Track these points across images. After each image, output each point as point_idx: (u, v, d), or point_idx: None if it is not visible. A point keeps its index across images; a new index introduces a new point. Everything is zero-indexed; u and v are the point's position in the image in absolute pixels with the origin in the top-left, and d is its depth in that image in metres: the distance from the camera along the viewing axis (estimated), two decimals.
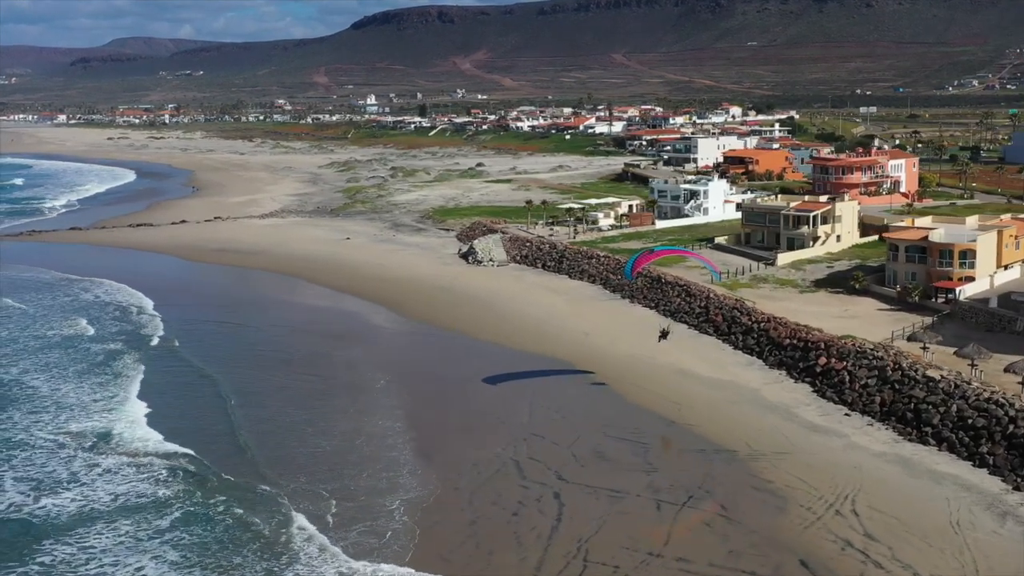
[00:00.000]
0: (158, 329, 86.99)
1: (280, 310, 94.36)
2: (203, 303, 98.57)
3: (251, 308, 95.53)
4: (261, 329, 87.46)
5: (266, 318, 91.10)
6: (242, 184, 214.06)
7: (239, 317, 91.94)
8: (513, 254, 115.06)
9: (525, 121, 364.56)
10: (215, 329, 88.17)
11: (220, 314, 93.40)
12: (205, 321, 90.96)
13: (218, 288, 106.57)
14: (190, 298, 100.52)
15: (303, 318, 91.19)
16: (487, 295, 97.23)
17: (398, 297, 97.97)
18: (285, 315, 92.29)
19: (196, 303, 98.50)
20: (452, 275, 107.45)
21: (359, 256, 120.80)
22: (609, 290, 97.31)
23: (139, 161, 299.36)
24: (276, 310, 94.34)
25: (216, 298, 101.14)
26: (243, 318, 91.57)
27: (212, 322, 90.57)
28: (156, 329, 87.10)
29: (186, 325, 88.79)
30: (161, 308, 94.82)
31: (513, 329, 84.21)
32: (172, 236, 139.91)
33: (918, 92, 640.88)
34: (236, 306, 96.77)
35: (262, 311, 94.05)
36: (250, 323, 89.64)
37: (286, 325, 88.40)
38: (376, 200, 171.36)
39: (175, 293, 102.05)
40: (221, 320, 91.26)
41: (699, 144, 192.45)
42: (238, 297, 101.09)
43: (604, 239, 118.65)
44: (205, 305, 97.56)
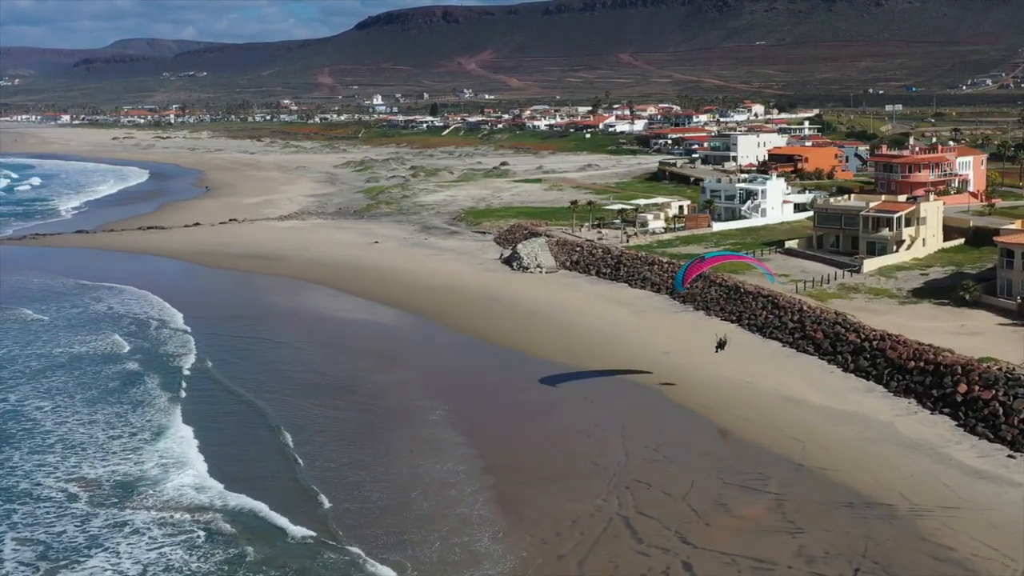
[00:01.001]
0: (188, 346, 77.07)
1: (311, 323, 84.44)
2: (227, 315, 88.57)
3: (279, 321, 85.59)
4: (293, 346, 77.53)
5: (297, 332, 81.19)
6: (255, 184, 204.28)
7: (268, 331, 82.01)
8: (562, 260, 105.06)
9: (542, 120, 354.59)
10: (245, 346, 78.15)
11: (247, 327, 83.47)
12: (233, 336, 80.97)
13: (241, 297, 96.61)
14: (213, 309, 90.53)
15: (337, 332, 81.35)
16: (543, 306, 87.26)
17: (441, 308, 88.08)
18: (317, 329, 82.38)
19: (220, 314, 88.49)
20: (498, 283, 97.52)
21: (390, 261, 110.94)
22: (678, 301, 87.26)
23: (146, 161, 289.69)
24: (307, 323, 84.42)
25: (240, 308, 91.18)
26: (272, 332, 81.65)
27: (240, 337, 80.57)
28: (185, 346, 77.18)
29: (214, 340, 78.86)
30: (189, 321, 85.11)
31: (580, 346, 74.26)
32: (186, 240, 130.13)
33: (931, 91, 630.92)
34: (263, 318, 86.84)
35: (292, 324, 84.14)
36: (281, 338, 79.70)
37: (320, 341, 78.53)
38: (401, 201, 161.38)
39: (197, 304, 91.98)
40: (249, 335, 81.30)
41: (739, 141, 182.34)
42: (263, 308, 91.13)
43: (660, 243, 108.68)
44: (230, 317, 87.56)
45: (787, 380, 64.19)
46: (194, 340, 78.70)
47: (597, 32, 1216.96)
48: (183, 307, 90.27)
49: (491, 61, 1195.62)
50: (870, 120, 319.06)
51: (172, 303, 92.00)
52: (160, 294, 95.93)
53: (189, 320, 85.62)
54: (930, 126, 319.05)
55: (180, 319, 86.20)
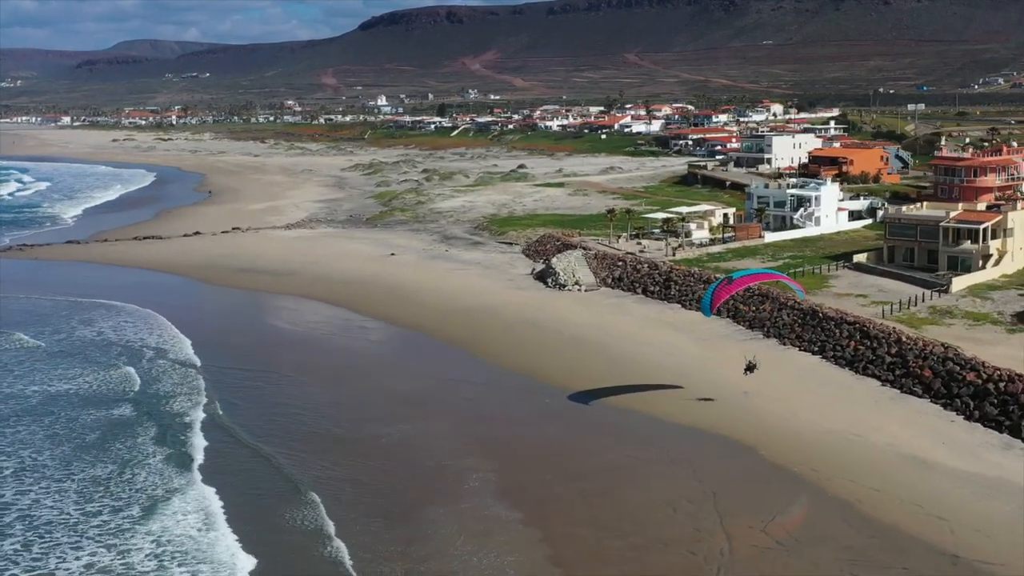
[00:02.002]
0: (191, 384, 66.30)
1: (326, 354, 73.82)
2: (230, 343, 77.85)
3: (290, 350, 74.98)
4: (308, 384, 66.86)
5: (312, 366, 70.55)
6: (260, 189, 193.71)
7: (278, 363, 71.36)
8: (602, 276, 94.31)
9: (554, 120, 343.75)
10: (254, 383, 67.19)
11: (254, 359, 72.81)
12: (239, 369, 70.17)
13: (245, 321, 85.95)
14: (214, 335, 79.63)
15: (357, 366, 70.78)
16: (590, 332, 76.57)
17: (473, 335, 77.44)
18: (333, 362, 71.77)
19: (222, 343, 77.73)
20: (534, 304, 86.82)
21: (410, 277, 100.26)
22: (743, 325, 76.58)
23: (146, 164, 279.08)
24: (321, 354, 73.81)
25: (245, 335, 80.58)
26: (282, 364, 71.02)
27: (247, 371, 69.78)
28: (187, 384, 66.43)
29: (222, 376, 68.17)
30: (188, 351, 74.53)
31: (644, 383, 63.54)
32: (185, 251, 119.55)
33: (943, 90, 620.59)
34: (271, 347, 76.25)
35: (304, 354, 73.52)
36: (293, 372, 69.02)
37: (337, 377, 67.97)
38: (416, 207, 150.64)
39: (196, 329, 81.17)
40: (257, 367, 70.57)
41: (773, 143, 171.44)
42: (271, 334, 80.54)
43: (709, 256, 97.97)
44: (233, 346, 76.86)
45: (902, 432, 53.47)
46: (195, 376, 68.09)
47: (602, 32, 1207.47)
48: (181, 333, 79.77)
49: (495, 61, 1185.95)
50: (899, 121, 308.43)
51: (169, 328, 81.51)
52: (155, 317, 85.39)
53: (188, 350, 75.10)
54: (955, 125, 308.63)
55: (178, 348, 75.64)
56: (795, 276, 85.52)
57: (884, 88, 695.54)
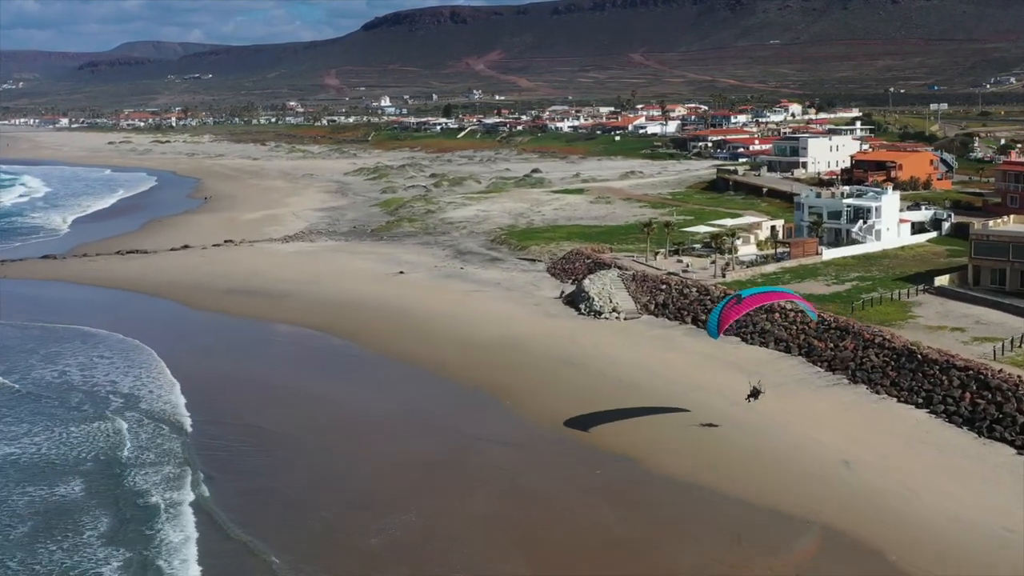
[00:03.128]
0: (169, 450, 54.10)
1: (325, 405, 61.78)
2: (213, 388, 65.69)
3: (283, 399, 62.92)
4: (306, 447, 54.84)
5: (309, 421, 58.55)
6: (258, 196, 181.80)
7: (270, 417, 59.23)
8: (643, 301, 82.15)
9: (564, 121, 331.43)
10: (247, 450, 54.68)
11: (249, 413, 60.52)
12: (227, 427, 57.99)
13: (231, 359, 73.79)
14: (194, 378, 67.45)
15: (360, 420, 58.90)
16: (639, 375, 64.42)
17: (498, 377, 65.32)
18: (333, 416, 59.83)
19: (204, 388, 65.46)
20: (566, 335, 74.72)
21: (421, 300, 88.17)
22: (821, 366, 64.36)
23: (140, 168, 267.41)
24: (320, 405, 61.76)
25: (230, 378, 68.42)
26: (275, 419, 58.93)
27: (237, 431, 57.40)
28: (165, 449, 54.32)
29: (198, 437, 56.07)
30: (155, 403, 62.50)
31: (715, 447, 51.50)
32: (170, 268, 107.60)
33: (954, 90, 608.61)
34: (261, 394, 64.18)
35: (301, 405, 61.48)
36: (293, 434, 56.80)
37: (340, 438, 56.05)
38: (426, 217, 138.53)
39: (172, 369, 69.31)
40: (248, 423, 58.49)
41: (809, 145, 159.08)
42: (262, 376, 68.37)
43: (764, 277, 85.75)
44: (217, 393, 64.71)
45: None
46: (167, 436, 56.04)
47: (607, 32, 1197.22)
48: (153, 372, 67.79)
49: (500, 62, 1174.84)
50: (921, 120, 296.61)
51: (138, 366, 69.55)
52: (127, 351, 73.47)
53: (160, 395, 63.11)
54: (981, 125, 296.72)
55: (148, 394, 63.63)
56: (870, 303, 73.70)
57: (895, 88, 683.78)
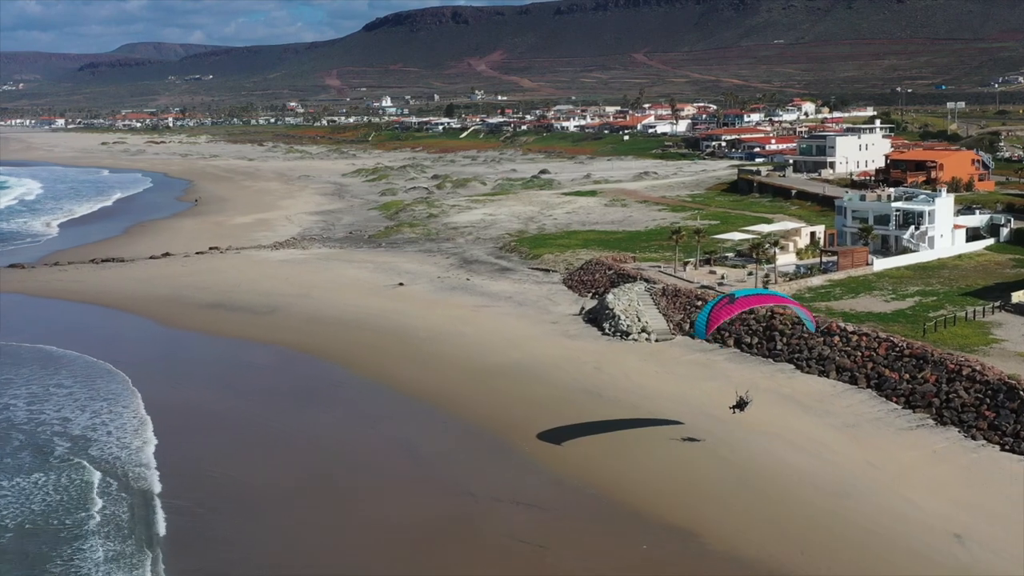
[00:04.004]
0: (131, 529, 44.05)
1: (319, 451, 51.73)
2: (192, 432, 55.41)
3: (272, 444, 52.82)
4: (301, 511, 44.74)
5: (303, 476, 48.43)
6: (250, 198, 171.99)
7: (257, 472, 49.00)
8: (676, 319, 72.06)
9: (570, 121, 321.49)
10: (229, 517, 44.12)
11: (226, 459, 50.34)
12: (208, 487, 47.55)
13: (212, 389, 63.45)
14: (169, 418, 57.16)
15: (349, 473, 48.87)
16: (677, 409, 54.27)
17: (518, 415, 55.29)
18: (318, 466, 49.83)
19: (181, 431, 55.22)
20: (591, 360, 64.67)
21: (424, 317, 78.16)
22: (897, 402, 54.28)
23: (132, 169, 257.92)
24: (313, 451, 51.70)
25: (210, 415, 58.15)
26: (264, 474, 48.80)
27: (219, 494, 46.92)
28: (108, 516, 44.39)
29: (177, 500, 45.85)
30: (110, 450, 52.47)
31: (793, 519, 41.43)
32: (147, 279, 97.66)
33: (962, 89, 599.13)
34: (246, 437, 54.01)
35: (292, 455, 51.32)
36: (280, 493, 46.70)
37: (324, 497, 46.02)
38: (428, 222, 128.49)
39: (130, 403, 59.28)
40: (230, 476, 48.28)
41: (837, 144, 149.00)
42: (246, 412, 58.12)
43: (812, 291, 75.71)
44: (196, 438, 54.39)
45: None
46: (124, 503, 46.01)
47: (610, 32, 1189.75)
48: (114, 410, 57.85)
49: (502, 62, 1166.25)
50: (942, 120, 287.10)
51: (93, 399, 59.60)
52: (85, 386, 63.53)
53: (106, 439, 53.14)
54: (1001, 124, 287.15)
55: (93, 438, 53.62)
56: (942, 323, 63.64)
57: (901, 87, 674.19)
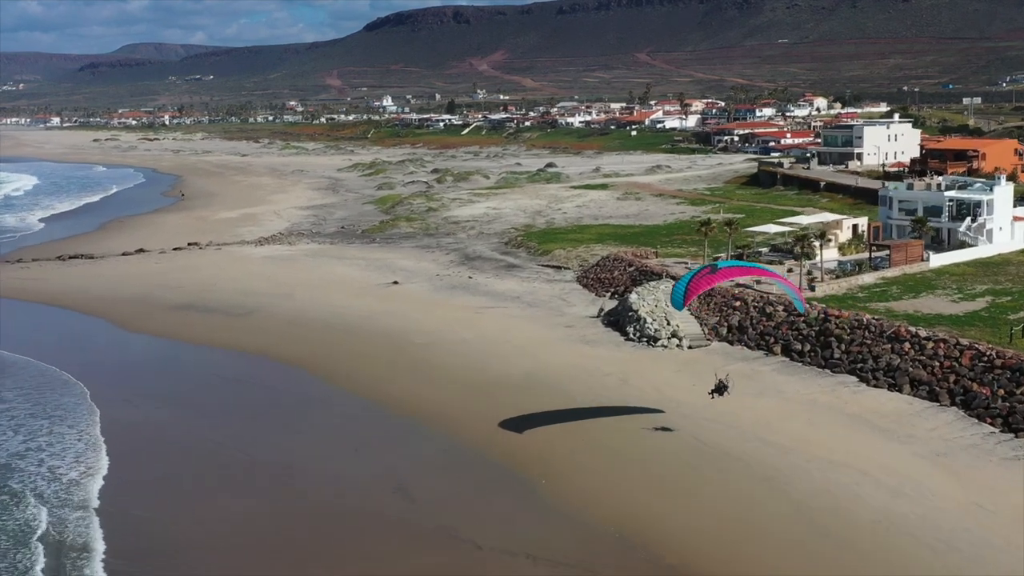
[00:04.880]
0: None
1: (295, 491, 42.09)
2: (144, 466, 45.81)
3: (241, 480, 43.24)
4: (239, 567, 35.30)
5: (275, 524, 38.91)
6: (239, 192, 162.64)
7: (223, 518, 39.47)
8: (711, 322, 62.40)
9: (575, 117, 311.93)
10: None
11: (185, 502, 40.88)
12: (159, 549, 38.02)
13: (173, 407, 53.64)
14: (121, 445, 47.36)
15: (342, 514, 39.30)
16: (730, 438, 44.65)
17: (534, 443, 45.62)
18: (306, 510, 40.21)
19: (128, 466, 45.43)
20: (615, 372, 55.04)
21: (421, 320, 68.57)
22: (994, 424, 44.59)
23: (121, 164, 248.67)
24: (288, 491, 42.07)
25: (168, 445, 48.49)
26: (230, 521, 39.32)
27: (174, 556, 37.74)
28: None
29: (126, 567, 36.36)
30: (44, 490, 42.88)
31: None
32: (116, 277, 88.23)
33: (969, 88, 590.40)
34: (209, 472, 44.40)
35: (263, 495, 41.75)
36: (248, 548, 37.28)
37: (315, 551, 36.39)
38: (427, 216, 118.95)
39: (63, 424, 49.75)
40: (188, 526, 38.74)
41: (864, 134, 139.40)
42: (210, 438, 48.38)
43: (864, 290, 66.04)
44: (147, 476, 44.73)
45: None
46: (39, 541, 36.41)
47: (613, 31, 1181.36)
48: (45, 440, 48.30)
49: (504, 62, 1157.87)
50: (960, 116, 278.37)
51: (28, 418, 50.06)
52: (27, 400, 54.01)
53: (34, 471, 43.56)
54: (1021, 119, 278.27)
55: (21, 470, 44.07)
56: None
57: (908, 87, 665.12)
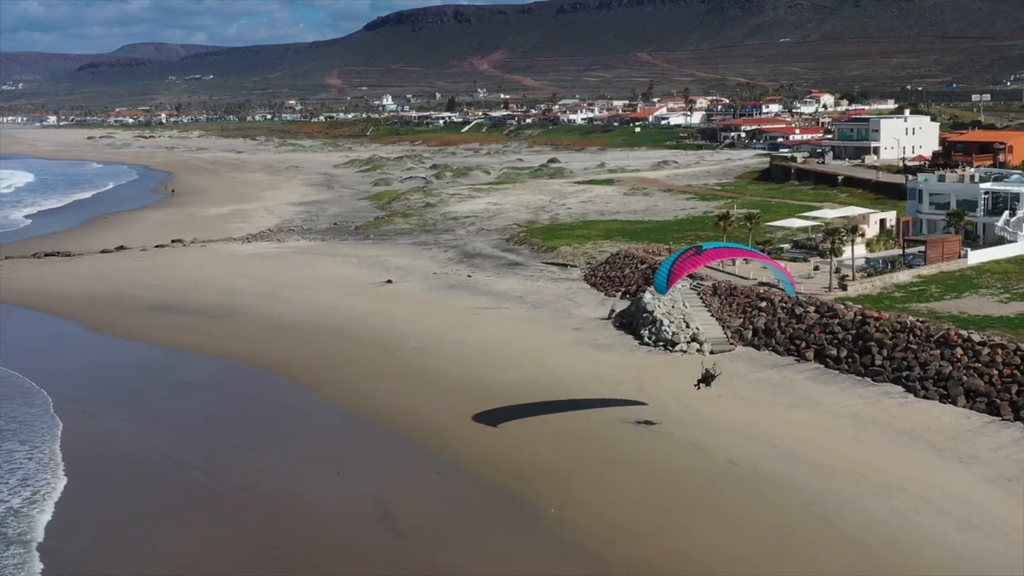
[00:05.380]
0: None
1: (267, 524, 36.35)
2: (98, 492, 40.07)
3: (207, 511, 37.49)
4: None
5: (244, 563, 33.26)
6: (231, 189, 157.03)
7: (187, 560, 33.92)
8: (735, 325, 56.65)
9: (578, 114, 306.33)
10: None
11: (144, 537, 35.32)
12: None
13: (138, 421, 47.67)
14: (75, 466, 41.83)
15: (320, 551, 33.49)
16: (766, 458, 38.88)
17: (539, 461, 39.92)
18: (280, 544, 34.47)
19: (84, 496, 39.79)
20: (631, 380, 49.29)
21: (415, 322, 62.83)
22: None
23: (113, 161, 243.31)
24: (260, 523, 36.31)
25: (127, 466, 42.85)
26: (194, 561, 33.65)
27: None
28: None
29: None
30: None
31: None
32: (92, 276, 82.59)
33: (972, 87, 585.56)
34: (174, 500, 38.63)
35: (231, 527, 36.05)
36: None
37: None
38: (424, 211, 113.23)
39: (14, 445, 44.03)
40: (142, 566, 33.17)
41: (882, 128, 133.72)
42: (174, 459, 42.45)
43: (901, 290, 60.26)
44: (104, 507, 39.08)
45: None
46: None
47: (614, 31, 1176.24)
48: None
49: (504, 61, 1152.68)
50: (970, 112, 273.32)
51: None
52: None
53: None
54: None
55: None
56: None
57: (911, 86, 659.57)
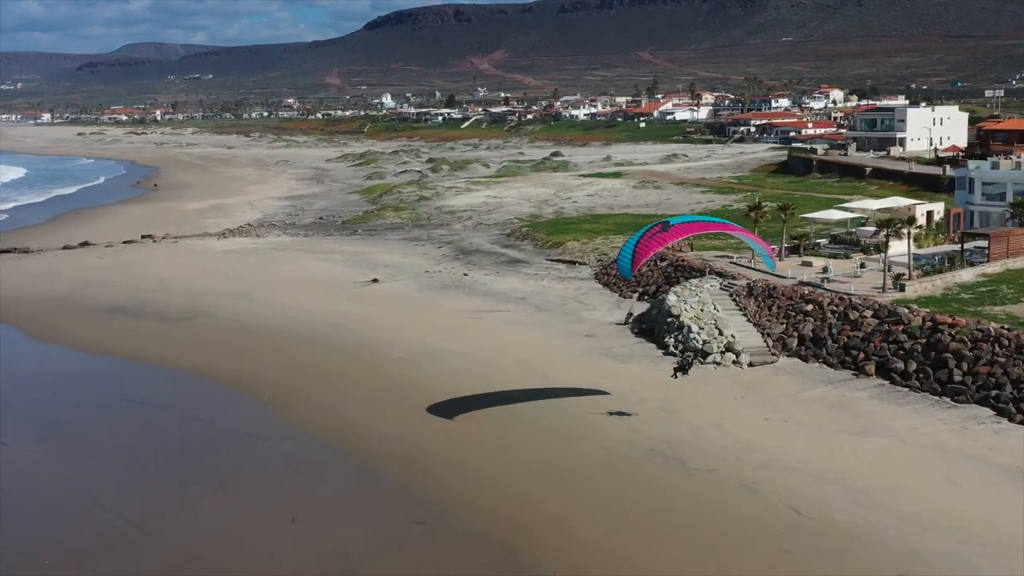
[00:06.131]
0: None
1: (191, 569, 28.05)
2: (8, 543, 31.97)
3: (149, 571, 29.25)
4: None
5: None
6: (216, 183, 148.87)
7: None
8: (776, 331, 48.24)
9: (580, 109, 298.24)
10: None
11: None
12: None
13: (68, 450, 39.58)
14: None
15: None
16: (834, 496, 30.57)
17: (545, 504, 31.62)
18: None
19: None
20: (657, 399, 40.93)
21: (403, 327, 54.42)
22: None
23: (101, 157, 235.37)
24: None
25: (48, 510, 34.70)
26: None
27: None
28: None
29: None
30: None
31: None
32: (45, 274, 74.28)
33: (977, 86, 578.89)
34: (93, 552, 30.46)
35: None
36: None
37: None
38: (418, 205, 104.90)
39: None
40: None
41: (908, 118, 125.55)
42: (104, 501, 34.23)
43: (967, 291, 51.90)
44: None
45: None
46: None
47: (615, 30, 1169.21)
48: None
49: (505, 60, 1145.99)
50: (985, 108, 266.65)
51: None
52: None
53: None
54: None
55: None
56: None
57: (916, 84, 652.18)
